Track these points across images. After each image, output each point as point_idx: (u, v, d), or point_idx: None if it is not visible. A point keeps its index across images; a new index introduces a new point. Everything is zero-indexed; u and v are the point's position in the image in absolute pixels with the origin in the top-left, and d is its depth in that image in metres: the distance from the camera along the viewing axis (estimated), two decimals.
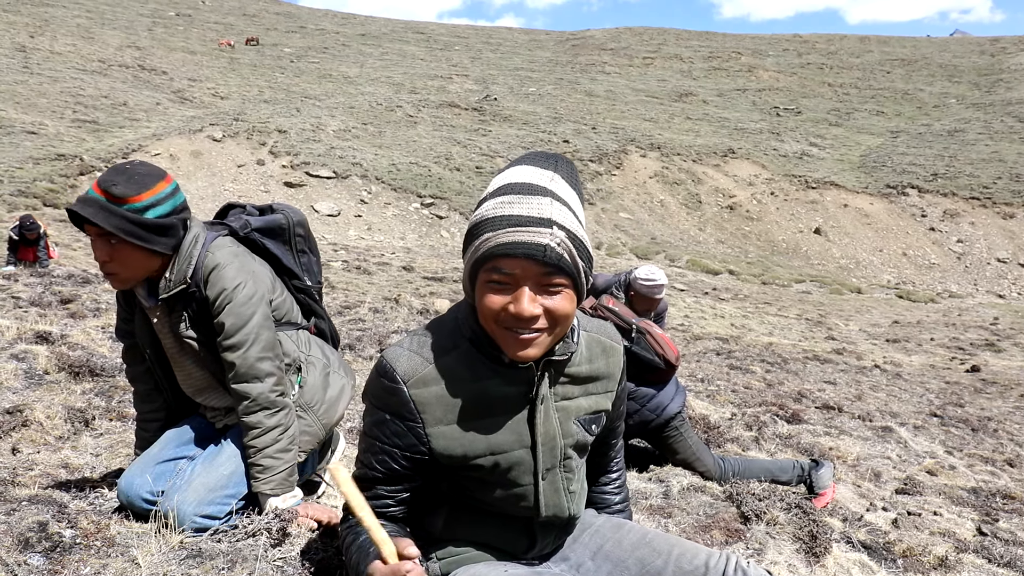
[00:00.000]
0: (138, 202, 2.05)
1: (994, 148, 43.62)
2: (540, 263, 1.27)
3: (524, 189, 1.31)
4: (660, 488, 3.45)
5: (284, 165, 27.33)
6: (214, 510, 2.14)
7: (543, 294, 1.30)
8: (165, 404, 2.50)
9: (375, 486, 1.47)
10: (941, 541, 3.34)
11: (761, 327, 16.39)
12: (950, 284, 31.06)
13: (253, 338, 2.16)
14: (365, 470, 1.49)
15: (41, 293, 6.67)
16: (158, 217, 2.09)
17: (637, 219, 32.63)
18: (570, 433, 1.54)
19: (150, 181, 2.09)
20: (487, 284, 1.31)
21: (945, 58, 74.20)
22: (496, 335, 1.35)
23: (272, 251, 2.42)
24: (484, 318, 1.35)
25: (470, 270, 1.36)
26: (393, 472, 1.45)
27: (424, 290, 12.73)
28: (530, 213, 1.27)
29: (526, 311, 1.28)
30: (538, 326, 1.31)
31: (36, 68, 36.44)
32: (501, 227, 1.28)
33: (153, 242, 2.09)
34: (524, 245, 1.26)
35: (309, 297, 2.57)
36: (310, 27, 74.57)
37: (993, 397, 9.56)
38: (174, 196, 2.14)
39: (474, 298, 1.39)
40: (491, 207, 1.32)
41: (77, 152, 25.04)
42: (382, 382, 1.42)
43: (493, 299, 1.30)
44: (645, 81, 62.05)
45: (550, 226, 1.27)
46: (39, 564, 1.85)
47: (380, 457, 1.45)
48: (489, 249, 1.28)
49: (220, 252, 2.20)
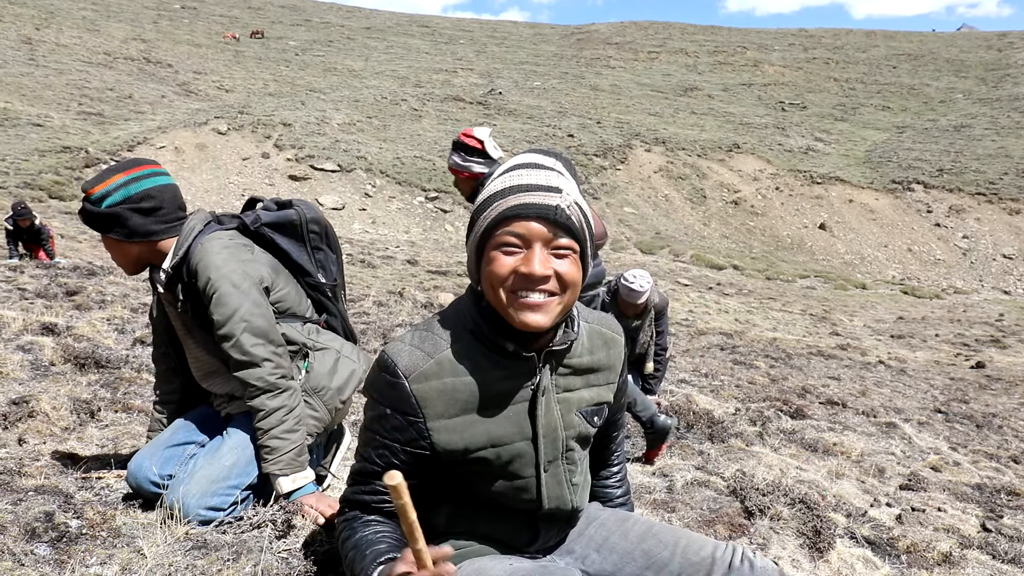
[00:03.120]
0: (92, 195, 2.19)
1: (1000, 144, 43.42)
2: (551, 223, 1.30)
3: (531, 165, 1.37)
4: (664, 483, 3.45)
5: (289, 158, 27.34)
6: (218, 501, 2.17)
7: (552, 258, 1.32)
8: (181, 387, 2.56)
9: (373, 480, 1.47)
10: (945, 537, 3.33)
11: (765, 322, 16.37)
12: (955, 280, 30.97)
13: (243, 327, 2.19)
14: (364, 463, 1.48)
15: (47, 285, 6.70)
16: (108, 207, 2.18)
17: (642, 214, 32.58)
18: (572, 425, 1.54)
19: (107, 174, 2.20)
20: (497, 249, 1.33)
21: (952, 53, 73.79)
22: (504, 303, 1.34)
23: (282, 246, 2.45)
24: (492, 285, 1.34)
25: (478, 243, 1.37)
26: (392, 467, 1.44)
27: (428, 284, 12.74)
28: (539, 181, 1.33)
29: (538, 270, 1.29)
30: (548, 287, 1.32)
31: (42, 60, 36.48)
32: (512, 193, 1.32)
33: (110, 231, 2.21)
34: (536, 206, 1.30)
35: (322, 295, 2.58)
36: (315, 20, 74.46)
37: (998, 393, 9.53)
38: (127, 187, 2.20)
39: (478, 279, 1.40)
40: (499, 182, 1.36)
41: (83, 144, 25.08)
42: (384, 376, 1.42)
43: (504, 262, 1.32)
44: (650, 75, 61.87)
45: (559, 191, 1.32)
46: (46, 554, 1.86)
47: (380, 451, 1.45)
48: (501, 212, 1.31)
49: (211, 244, 2.23)
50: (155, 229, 2.24)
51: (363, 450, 1.49)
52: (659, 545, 1.57)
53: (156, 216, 2.24)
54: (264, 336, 2.23)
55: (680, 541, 1.56)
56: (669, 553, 1.54)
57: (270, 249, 2.43)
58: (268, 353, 2.22)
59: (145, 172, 2.25)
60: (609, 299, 4.93)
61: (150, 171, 2.27)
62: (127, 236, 2.22)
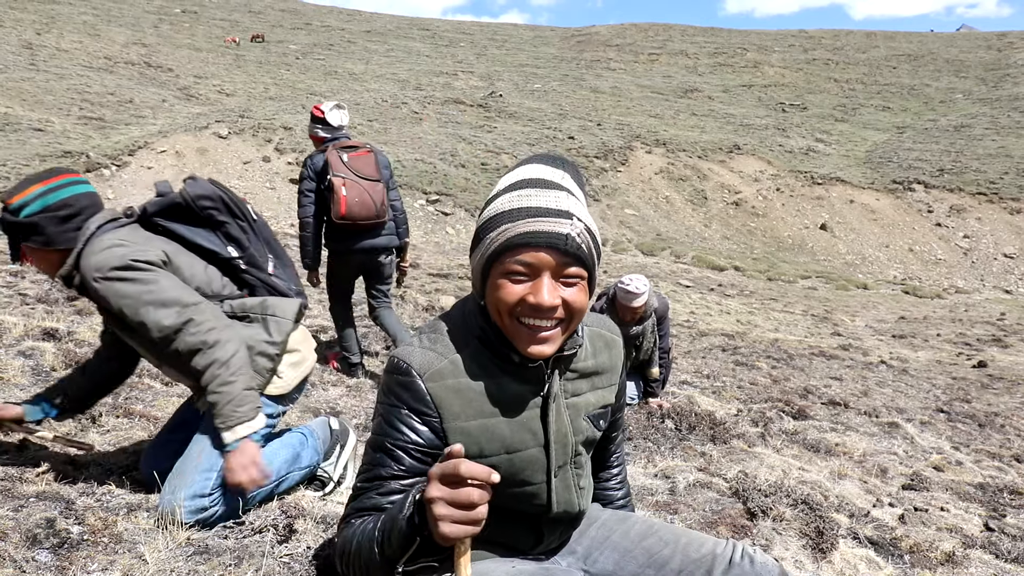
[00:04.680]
0: (11, 204, 2.25)
1: (1001, 143, 43.39)
2: (560, 252, 1.28)
3: (540, 184, 1.33)
4: (666, 484, 3.44)
5: (290, 162, 27.32)
6: (198, 488, 2.17)
7: (560, 286, 1.31)
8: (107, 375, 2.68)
9: (388, 482, 1.40)
10: (948, 537, 3.32)
11: (767, 323, 16.34)
12: (956, 280, 30.93)
13: (145, 311, 2.21)
14: (378, 469, 1.41)
15: (48, 290, 6.69)
16: (26, 216, 2.22)
17: (643, 215, 32.57)
18: (581, 430, 1.54)
19: (26, 184, 2.26)
20: (505, 275, 1.30)
21: (951, 53, 73.76)
22: (510, 330, 1.34)
23: (177, 232, 2.45)
24: (499, 312, 1.33)
25: (484, 264, 1.34)
26: (410, 469, 1.38)
27: (430, 287, 12.72)
28: (549, 204, 1.29)
29: (546, 301, 1.28)
30: (556, 317, 1.31)
31: (43, 65, 36.54)
32: (520, 218, 1.28)
33: (29, 239, 2.26)
34: (546, 234, 1.27)
35: (238, 270, 2.55)
36: (315, 24, 74.56)
37: (1000, 393, 9.51)
38: (44, 197, 2.24)
39: (483, 295, 1.38)
40: (506, 201, 1.32)
41: (83, 149, 25.10)
42: (396, 378, 1.39)
43: (512, 290, 1.30)
44: (650, 77, 61.89)
45: (570, 217, 1.29)
46: (47, 560, 1.85)
47: (396, 454, 1.38)
48: (508, 240, 1.28)
49: (94, 245, 2.26)
50: (72, 236, 2.29)
51: (376, 456, 1.41)
52: (660, 543, 1.56)
53: (73, 223, 2.29)
54: (171, 304, 2.23)
55: (681, 539, 1.56)
56: (670, 551, 1.53)
57: (168, 236, 2.45)
58: (180, 319, 2.22)
59: (64, 181, 2.32)
60: (607, 306, 4.93)
61: (69, 180, 2.33)
62: (45, 244, 2.27)
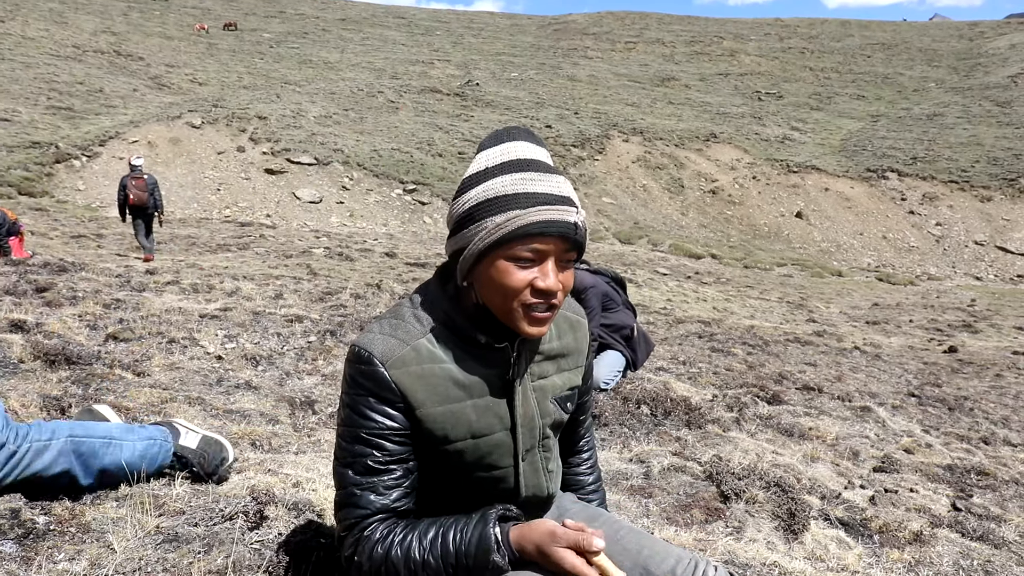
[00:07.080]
0: None
1: (972, 132, 44.08)
2: (567, 240, 1.30)
3: (539, 167, 1.32)
4: (640, 469, 3.47)
5: (265, 152, 27.04)
6: None
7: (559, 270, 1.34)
8: None
9: (381, 475, 1.36)
10: (917, 517, 3.38)
11: (743, 310, 16.50)
12: (929, 267, 31.45)
13: None
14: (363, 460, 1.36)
15: (16, 282, 6.57)
16: None
17: (620, 204, 32.68)
18: (548, 412, 1.52)
19: None
20: (511, 261, 1.30)
21: (925, 42, 74.66)
22: (512, 314, 1.33)
23: None
24: (503, 296, 1.32)
25: (484, 248, 1.31)
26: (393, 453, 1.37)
27: (407, 276, 12.66)
28: (554, 191, 1.30)
29: (554, 285, 1.31)
30: (555, 301, 1.34)
31: (8, 54, 35.74)
32: (530, 204, 1.28)
33: None
34: (558, 224, 1.28)
35: None
36: (289, 12, 73.64)
37: (969, 377, 9.70)
38: None
39: (466, 279, 1.36)
40: (508, 183, 1.30)
41: (52, 140, 24.64)
42: (358, 368, 1.36)
43: (521, 275, 1.30)
44: (627, 66, 61.97)
45: (573, 204, 1.31)
46: (11, 551, 1.82)
47: (375, 442, 1.35)
48: (521, 228, 1.27)
49: None
50: None
51: (353, 447, 1.37)
52: (621, 552, 1.52)
53: None
54: None
55: (643, 550, 1.52)
56: (631, 562, 1.49)
57: None
58: None
59: None
60: None
61: None
62: None
